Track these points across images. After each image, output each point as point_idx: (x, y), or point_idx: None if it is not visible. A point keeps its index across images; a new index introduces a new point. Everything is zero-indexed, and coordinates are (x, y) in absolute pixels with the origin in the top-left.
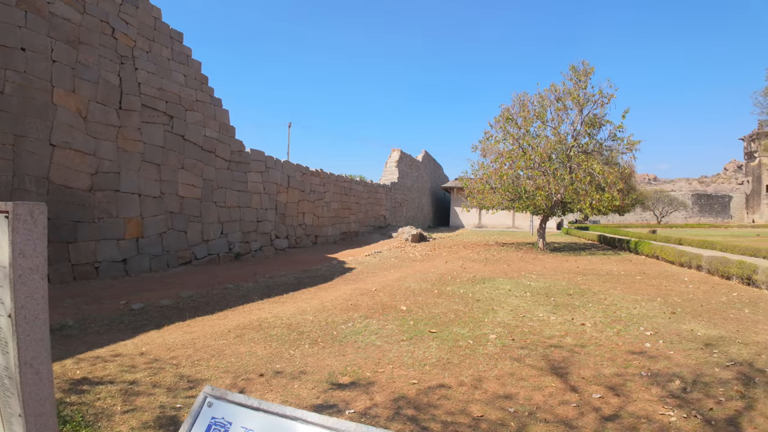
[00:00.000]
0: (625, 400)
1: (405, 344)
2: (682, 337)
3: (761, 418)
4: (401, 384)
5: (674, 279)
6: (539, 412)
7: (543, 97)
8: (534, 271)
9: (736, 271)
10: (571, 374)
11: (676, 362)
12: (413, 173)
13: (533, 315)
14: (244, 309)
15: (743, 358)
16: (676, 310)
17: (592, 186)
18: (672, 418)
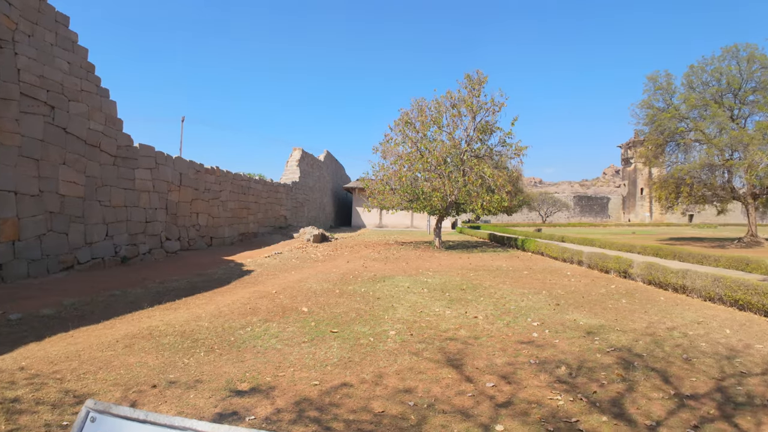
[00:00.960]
0: (517, 387)
1: (306, 346)
2: (566, 327)
3: (642, 399)
4: (303, 386)
5: (558, 273)
6: (438, 403)
7: (439, 104)
8: (431, 268)
9: (613, 266)
10: (466, 365)
11: (562, 350)
12: (315, 173)
13: (430, 310)
14: (133, 317)
15: (622, 344)
16: (560, 302)
17: (483, 188)
18: (560, 402)
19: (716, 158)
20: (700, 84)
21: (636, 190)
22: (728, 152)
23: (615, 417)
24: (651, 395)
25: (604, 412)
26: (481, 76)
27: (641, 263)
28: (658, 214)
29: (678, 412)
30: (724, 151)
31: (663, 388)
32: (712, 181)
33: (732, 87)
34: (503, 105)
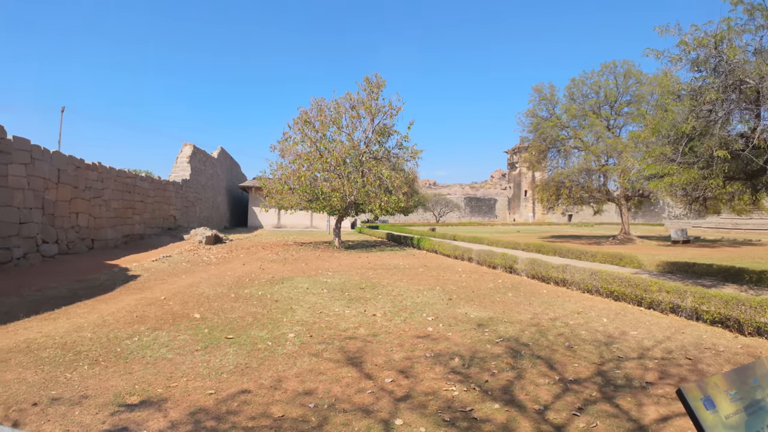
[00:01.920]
0: (415, 380)
1: (200, 354)
2: (459, 320)
3: (530, 386)
4: (198, 396)
5: (450, 270)
6: (338, 403)
7: (339, 104)
8: (330, 268)
9: (500, 262)
10: (365, 363)
11: (455, 342)
12: (208, 170)
13: (330, 310)
14: (8, 329)
15: (510, 334)
16: (452, 297)
17: (382, 189)
18: (455, 392)
19: (593, 164)
20: (581, 96)
21: (521, 192)
22: (604, 158)
23: (506, 404)
24: (538, 381)
25: (496, 400)
26: (380, 80)
27: (525, 259)
28: (541, 214)
29: (563, 396)
30: (601, 157)
31: (549, 374)
32: (589, 185)
33: (609, 99)
34: (400, 109)
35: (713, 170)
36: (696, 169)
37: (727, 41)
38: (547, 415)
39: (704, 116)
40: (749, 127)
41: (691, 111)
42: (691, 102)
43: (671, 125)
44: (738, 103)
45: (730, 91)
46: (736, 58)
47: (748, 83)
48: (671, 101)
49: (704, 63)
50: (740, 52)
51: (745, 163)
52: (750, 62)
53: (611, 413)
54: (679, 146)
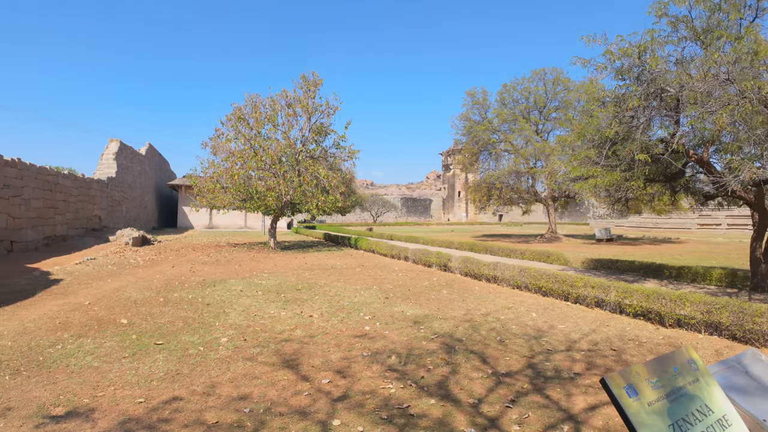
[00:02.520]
0: (352, 380)
1: (128, 361)
2: (395, 318)
3: (465, 380)
4: (127, 405)
5: (387, 269)
6: (275, 406)
7: (275, 101)
8: (265, 269)
9: (435, 260)
10: (302, 365)
11: (392, 340)
12: (136, 167)
13: (265, 313)
14: None
15: (445, 330)
16: (389, 296)
17: (318, 189)
18: (392, 390)
19: (522, 166)
20: (512, 101)
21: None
22: (533, 161)
23: (442, 399)
24: (472, 375)
25: (432, 395)
26: (317, 78)
27: (459, 257)
28: (473, 214)
29: (496, 389)
30: (529, 160)
31: (482, 368)
32: (518, 186)
33: (538, 105)
34: (337, 108)
35: (635, 173)
36: (618, 171)
37: (650, 52)
38: (482, 408)
39: (627, 122)
40: (669, 132)
41: (615, 117)
42: (615, 108)
43: (596, 130)
44: (659, 110)
45: (652, 98)
46: (658, 67)
47: (668, 91)
48: (596, 107)
49: (628, 72)
50: (662, 62)
51: (665, 166)
52: (671, 72)
53: (542, 404)
54: (603, 150)
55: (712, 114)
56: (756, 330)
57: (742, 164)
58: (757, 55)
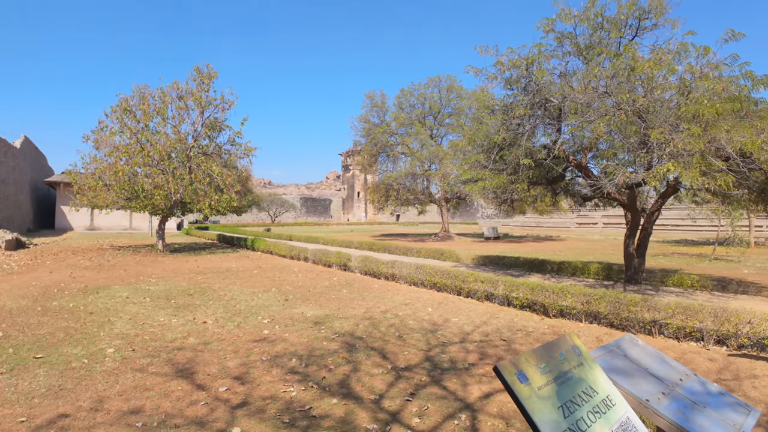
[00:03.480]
0: (251, 386)
1: (5, 377)
2: (295, 320)
3: (366, 377)
4: (9, 425)
5: (286, 270)
6: (170, 419)
7: (165, 93)
8: (154, 274)
9: (335, 260)
10: (197, 373)
11: (292, 342)
12: (9, 162)
13: (154, 320)
14: None
15: (345, 329)
16: (288, 297)
17: (212, 187)
18: (293, 392)
19: (418, 168)
20: (408, 105)
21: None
22: (428, 164)
23: (344, 397)
24: (373, 372)
25: (334, 395)
26: (211, 71)
27: (358, 257)
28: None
29: (396, 383)
30: (425, 163)
31: (382, 364)
32: (414, 187)
33: (433, 110)
34: (233, 103)
35: (519, 176)
36: (505, 175)
37: (537, 64)
38: (383, 403)
39: (514, 129)
40: (551, 139)
41: (503, 124)
42: (503, 116)
43: (485, 136)
44: (543, 119)
45: (537, 108)
46: (543, 79)
47: (552, 102)
48: (486, 115)
49: (516, 82)
50: (548, 75)
51: (547, 171)
52: (555, 84)
53: (440, 395)
54: (492, 155)
55: (590, 123)
56: (631, 318)
57: (616, 169)
58: (634, 71)
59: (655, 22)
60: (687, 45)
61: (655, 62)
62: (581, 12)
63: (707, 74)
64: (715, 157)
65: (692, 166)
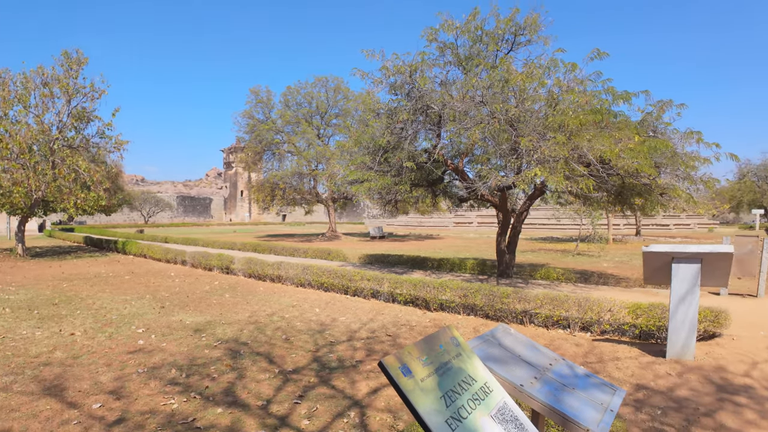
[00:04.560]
0: (128, 401)
1: None
2: (173, 328)
3: (252, 383)
4: None
5: (162, 275)
6: None
7: (28, 79)
8: (13, 282)
9: (216, 263)
10: (68, 390)
11: (171, 352)
12: None
13: (16, 333)
14: None
15: (228, 336)
16: (165, 304)
17: (78, 184)
18: (174, 405)
19: (305, 168)
20: (295, 104)
21: (237, 192)
22: (314, 163)
23: (229, 406)
24: (259, 377)
25: (218, 404)
26: (81, 56)
27: (242, 259)
28: (257, 214)
29: (284, 387)
30: (311, 162)
31: (269, 369)
32: (301, 187)
33: (320, 110)
34: (104, 92)
35: (403, 178)
36: (389, 176)
37: (420, 72)
38: (271, 408)
39: (397, 133)
40: (432, 144)
41: (387, 127)
42: (388, 120)
43: (371, 138)
44: (424, 124)
45: (419, 113)
46: (425, 86)
47: (433, 108)
48: (372, 117)
49: (400, 88)
50: (429, 82)
51: (428, 173)
52: (436, 91)
53: (329, 395)
54: (377, 157)
55: (467, 130)
56: (504, 309)
57: (489, 173)
58: (508, 83)
59: (529, 39)
60: (557, 61)
61: (527, 75)
62: (463, 24)
63: (573, 88)
64: (577, 163)
65: (557, 171)
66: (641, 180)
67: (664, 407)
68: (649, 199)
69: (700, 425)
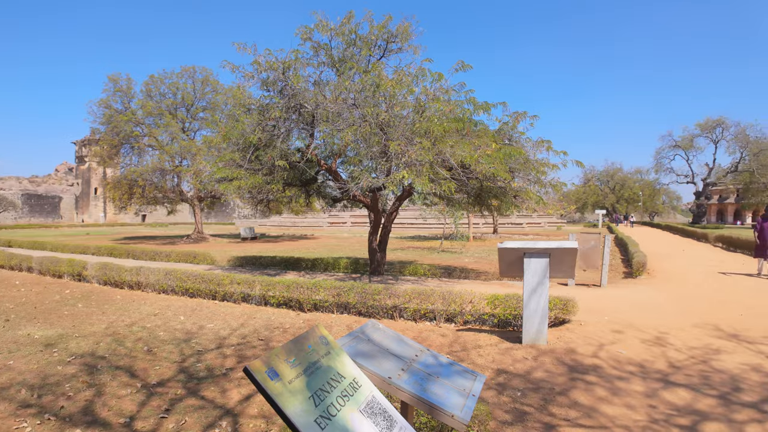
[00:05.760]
0: None
1: None
2: (20, 344)
3: (113, 400)
4: None
5: (6, 284)
6: None
7: None
8: None
9: (67, 269)
10: None
11: (20, 371)
12: None
13: None
14: None
15: (84, 350)
16: (10, 317)
17: None
18: (28, 429)
19: (168, 164)
20: (158, 94)
21: (90, 189)
22: (178, 159)
23: (89, 425)
24: (120, 393)
25: (77, 425)
26: None
27: (96, 264)
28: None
29: (149, 401)
30: (175, 157)
31: (131, 383)
32: (163, 184)
33: (186, 102)
34: None
35: (275, 177)
36: (261, 175)
37: (293, 70)
38: (135, 425)
39: (269, 130)
40: (305, 143)
41: (259, 124)
42: (260, 116)
43: (241, 135)
44: (297, 123)
45: (292, 112)
46: (299, 85)
47: (306, 108)
48: (242, 113)
49: (273, 84)
50: (303, 81)
51: (301, 173)
52: (310, 91)
53: (198, 406)
54: (247, 154)
55: (340, 131)
56: (376, 305)
57: (361, 174)
58: (379, 88)
59: (401, 47)
60: (425, 70)
61: (397, 82)
62: (337, 26)
63: (439, 97)
64: (441, 167)
65: (423, 174)
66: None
67: (523, 389)
68: (505, 201)
69: (556, 403)
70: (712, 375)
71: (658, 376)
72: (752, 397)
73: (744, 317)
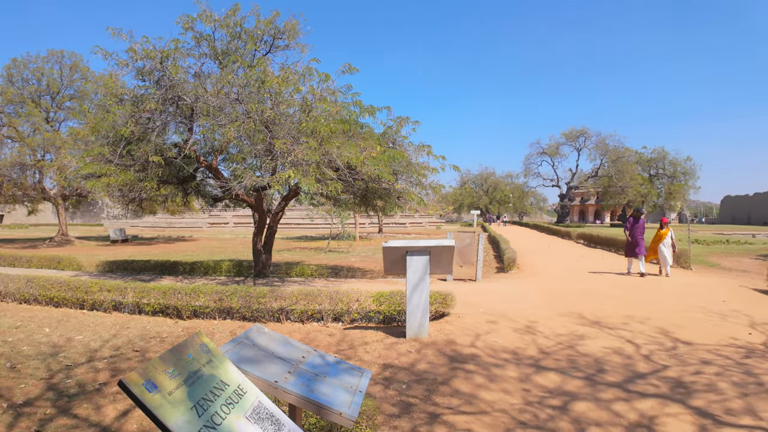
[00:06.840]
0: None
1: None
2: None
3: None
4: None
5: None
6: None
7: None
8: None
9: None
10: None
11: None
12: None
13: None
14: None
15: None
16: None
17: None
18: None
19: (29, 158)
20: (21, 80)
21: None
22: (41, 153)
23: None
24: None
25: None
26: None
27: None
28: None
29: (16, 423)
30: (37, 151)
31: None
32: (23, 181)
33: (52, 90)
34: None
35: (149, 173)
36: (133, 171)
37: (172, 60)
38: None
39: (143, 123)
40: (183, 138)
41: (132, 116)
42: (133, 108)
43: (111, 127)
44: (175, 116)
45: (169, 104)
46: (178, 76)
47: (185, 100)
48: (114, 103)
49: (149, 74)
50: (182, 72)
51: (178, 170)
52: (189, 83)
53: (71, 425)
54: (118, 148)
55: (222, 127)
56: (261, 309)
57: (245, 173)
58: (264, 84)
59: (288, 44)
60: (312, 69)
61: (283, 80)
62: (222, 18)
63: (326, 98)
64: (328, 168)
65: (309, 174)
66: (382, 185)
67: (408, 381)
68: (389, 202)
69: (439, 393)
70: (579, 359)
71: (530, 361)
72: (616, 377)
73: (604, 306)
